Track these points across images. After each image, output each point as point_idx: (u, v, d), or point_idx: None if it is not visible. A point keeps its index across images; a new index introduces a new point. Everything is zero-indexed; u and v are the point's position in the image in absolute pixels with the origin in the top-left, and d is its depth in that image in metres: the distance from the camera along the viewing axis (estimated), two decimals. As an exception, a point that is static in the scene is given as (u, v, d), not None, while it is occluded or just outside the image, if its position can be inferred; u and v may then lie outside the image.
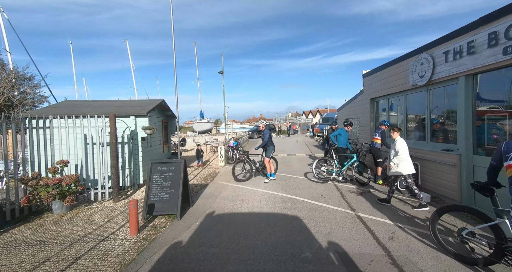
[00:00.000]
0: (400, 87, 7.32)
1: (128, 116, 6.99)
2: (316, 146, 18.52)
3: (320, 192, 6.55)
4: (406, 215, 4.78)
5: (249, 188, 7.15)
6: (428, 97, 6.25)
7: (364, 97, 10.17)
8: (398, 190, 6.24)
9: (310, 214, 4.94)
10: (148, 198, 4.88)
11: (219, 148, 11.79)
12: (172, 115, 10.46)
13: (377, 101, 9.44)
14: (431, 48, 5.82)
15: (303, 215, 4.87)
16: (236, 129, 37.54)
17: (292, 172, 9.20)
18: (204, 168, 10.94)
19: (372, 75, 9.27)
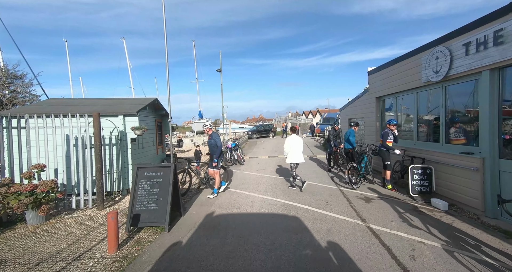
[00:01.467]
0: (410, 84, 6.78)
1: (116, 115, 6.43)
2: (317, 147, 17.98)
3: (324, 198, 6.00)
4: (424, 227, 4.22)
5: (247, 194, 6.60)
6: (444, 95, 5.71)
7: (369, 96, 9.63)
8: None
9: (315, 225, 4.39)
10: (133, 208, 4.32)
11: (216, 149, 11.25)
12: (167, 114, 9.90)
13: (383, 100, 8.90)
14: (448, 41, 5.28)
15: (308, 227, 4.32)
16: (235, 129, 36.96)
17: (293, 175, 8.66)
18: (202, 170, 10.38)
19: (378, 73, 8.73)
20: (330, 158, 9.39)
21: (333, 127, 9.47)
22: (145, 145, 7.99)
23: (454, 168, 5.23)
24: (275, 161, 11.94)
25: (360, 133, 11.28)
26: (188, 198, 6.40)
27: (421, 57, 6.14)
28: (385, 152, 6.56)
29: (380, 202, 5.60)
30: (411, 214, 4.84)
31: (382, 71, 8.43)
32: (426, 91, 6.40)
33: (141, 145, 7.70)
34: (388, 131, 6.54)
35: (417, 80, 6.43)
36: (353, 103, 11.74)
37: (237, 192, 6.83)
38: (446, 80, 5.49)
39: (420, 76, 6.26)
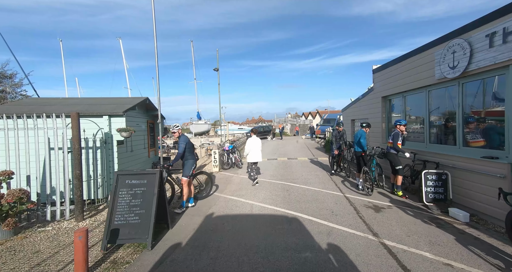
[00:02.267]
0: (421, 82, 6.25)
1: (100, 116, 5.87)
2: (318, 149, 17.44)
3: (329, 206, 5.43)
4: (446, 244, 3.66)
5: (244, 201, 6.03)
6: (461, 93, 5.17)
7: (374, 95, 9.09)
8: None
9: (320, 241, 3.83)
10: (111, 222, 3.75)
11: (212, 152, 10.68)
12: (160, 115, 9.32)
13: (389, 99, 8.36)
14: (467, 32, 4.74)
15: (312, 244, 3.75)
16: (234, 130, 36.43)
17: (294, 180, 8.08)
18: (197, 174, 9.80)
19: (384, 70, 8.20)
20: (333, 162, 8.83)
21: (336, 128, 8.86)
22: (135, 148, 7.42)
23: (474, 174, 4.68)
24: (275, 164, 11.38)
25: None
26: (178, 206, 5.83)
27: (435, 52, 5.61)
28: (395, 155, 6.00)
29: (391, 211, 5.04)
30: (429, 226, 4.28)
31: (389, 69, 7.90)
32: (440, 89, 5.86)
33: (130, 147, 7.13)
34: (398, 133, 5.98)
35: (429, 77, 5.89)
36: (356, 103, 11.21)
37: (233, 199, 6.26)
38: (464, 77, 4.95)
39: (432, 72, 5.72)
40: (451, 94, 5.48)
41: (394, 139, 5.93)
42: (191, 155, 5.77)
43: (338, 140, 8.70)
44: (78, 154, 4.73)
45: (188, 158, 5.71)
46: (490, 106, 4.78)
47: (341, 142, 8.84)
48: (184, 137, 5.71)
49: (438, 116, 6.18)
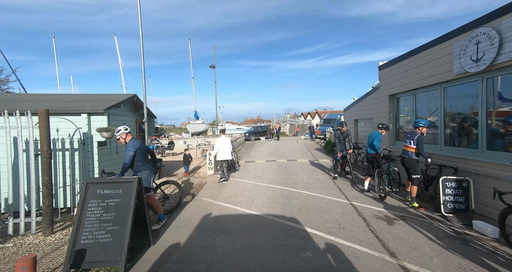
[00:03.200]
0: (435, 78, 5.65)
1: (78, 114, 5.22)
2: (318, 150, 16.83)
3: (335, 217, 4.82)
4: (482, 269, 3.05)
5: (240, 210, 5.41)
6: (484, 89, 4.57)
7: (380, 94, 8.50)
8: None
9: (328, 262, 3.21)
10: (76, 241, 3.11)
11: (207, 153, 10.05)
12: (150, 114, 8.69)
13: (397, 98, 7.77)
14: (495, 19, 4.14)
15: (319, 266, 3.14)
16: (233, 130, 35.72)
17: (295, 185, 7.46)
18: (190, 177, 9.17)
19: (392, 67, 7.60)
20: (337, 165, 8.22)
21: (339, 129, 8.17)
22: (121, 149, 6.77)
23: (502, 182, 4.08)
24: (274, 166, 10.76)
25: (366, 136, 10.14)
26: (167, 216, 5.19)
27: (453, 43, 5.01)
28: (416, 162, 5.24)
29: (406, 224, 4.43)
30: (454, 243, 3.67)
31: (397, 65, 7.31)
32: (458, 85, 5.27)
33: (115, 149, 6.48)
34: (421, 136, 5.19)
35: (446, 72, 5.29)
36: (360, 102, 10.62)
37: (228, 207, 5.64)
38: (490, 70, 4.35)
39: (450, 67, 5.13)
40: (472, 91, 4.89)
41: (419, 144, 5.12)
42: (145, 164, 4.49)
43: (342, 141, 8.07)
44: (47, 157, 4.09)
45: (142, 168, 4.40)
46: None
47: (345, 144, 8.23)
48: (134, 141, 4.44)
49: (454, 116, 5.58)
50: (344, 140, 8.10)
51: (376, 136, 6.28)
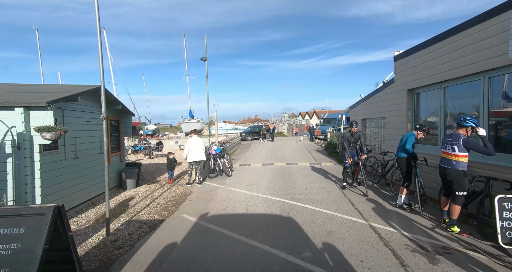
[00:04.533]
0: (476, 66, 4.45)
1: (10, 108, 3.92)
2: (319, 151, 15.63)
3: (353, 248, 3.58)
4: None
5: (228, 235, 4.15)
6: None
7: (395, 88, 7.29)
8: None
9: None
10: None
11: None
12: (126, 111, 7.39)
13: (417, 93, 6.57)
14: None
15: None
16: (229, 130, 34.43)
17: (296, 196, 6.22)
18: (173, 185, 7.89)
19: (413, 55, 6.39)
20: (346, 173, 6.92)
21: (349, 130, 6.87)
22: (82, 154, 5.48)
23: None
24: (271, 171, 9.52)
25: (378, 138, 8.95)
26: (128, 245, 3.91)
27: (510, 17, 3.79)
28: (463, 175, 3.95)
29: (455, 264, 3.20)
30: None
31: (420, 52, 6.10)
32: (509, 74, 4.06)
33: (72, 153, 5.19)
34: (466, 139, 3.92)
35: (494, 57, 4.08)
36: (368, 99, 9.41)
37: (213, 229, 4.38)
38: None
39: (503, 49, 3.92)
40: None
41: (472, 146, 3.85)
42: None
43: (352, 144, 6.83)
44: None
45: None
46: None
47: (352, 145, 6.80)
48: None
49: (504, 115, 4.38)
50: (356, 143, 6.82)
51: (409, 137, 5.06)
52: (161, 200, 6.22)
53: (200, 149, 7.71)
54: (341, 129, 19.88)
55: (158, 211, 5.45)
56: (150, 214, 5.24)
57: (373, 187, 7.04)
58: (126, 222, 4.76)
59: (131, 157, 15.38)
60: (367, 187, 6.41)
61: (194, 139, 7.80)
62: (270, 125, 26.17)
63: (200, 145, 7.74)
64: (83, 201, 5.55)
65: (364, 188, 6.33)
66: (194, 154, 7.62)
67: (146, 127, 39.10)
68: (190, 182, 7.76)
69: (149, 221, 4.85)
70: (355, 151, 6.76)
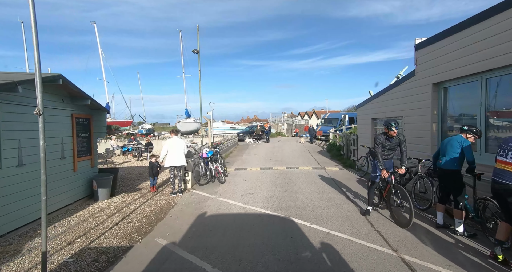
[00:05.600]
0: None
1: None
2: (321, 153, 14.57)
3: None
4: None
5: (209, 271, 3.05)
6: None
7: (417, 83, 6.21)
8: None
9: None
10: None
11: (183, 161, 7.64)
12: (98, 107, 6.27)
13: (446, 87, 5.50)
14: None
15: None
16: (226, 130, 33.30)
17: (300, 211, 5.12)
18: (156, 195, 6.77)
19: (442, 41, 5.31)
20: (373, 190, 5.00)
21: (386, 132, 4.69)
22: (30, 160, 4.34)
23: None
24: (270, 177, 8.42)
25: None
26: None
27: None
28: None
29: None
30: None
31: (451, 38, 5.01)
32: None
33: (13, 160, 4.06)
34: None
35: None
36: (380, 97, 8.32)
37: (192, 263, 3.26)
38: None
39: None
40: None
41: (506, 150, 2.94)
42: None
43: (388, 152, 4.83)
44: None
45: None
46: None
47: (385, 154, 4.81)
48: None
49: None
50: (393, 151, 4.88)
51: (464, 143, 3.80)
52: (135, 216, 5.10)
53: (179, 152, 6.62)
54: (343, 130, 18.85)
55: (128, 232, 4.33)
56: (116, 237, 4.12)
57: (406, 207, 5.96)
58: (80, 252, 3.63)
59: (119, 159, 14.24)
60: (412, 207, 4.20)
61: (173, 140, 6.73)
62: (265, 124, 24.77)
63: (180, 148, 6.65)
64: (34, 219, 4.42)
65: (408, 215, 4.23)
66: (172, 158, 6.56)
67: (141, 126, 37.91)
68: (175, 190, 6.66)
69: (111, 249, 3.73)
70: (391, 162, 4.99)
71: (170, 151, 6.64)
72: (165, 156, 6.75)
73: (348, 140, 11.76)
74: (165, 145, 6.76)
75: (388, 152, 4.84)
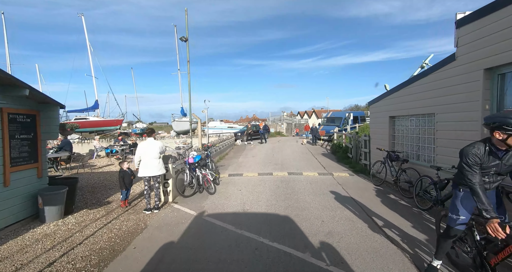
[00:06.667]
0: None
1: None
2: (325, 155, 13.22)
3: None
4: None
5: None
6: None
7: (459, 69, 4.84)
8: None
9: None
10: None
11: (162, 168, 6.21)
12: (48, 101, 4.87)
13: (502, 73, 4.14)
14: None
15: None
16: (224, 129, 31.89)
17: (310, 240, 3.75)
18: (125, 212, 5.38)
19: (496, 14, 3.94)
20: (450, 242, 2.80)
21: (492, 141, 2.40)
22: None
23: None
24: (269, 185, 7.05)
25: (413, 141, 6.52)
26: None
27: None
28: None
29: None
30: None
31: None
32: None
33: None
34: None
35: None
36: (400, 91, 6.95)
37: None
38: None
39: None
40: None
41: None
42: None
43: (492, 177, 2.55)
44: None
45: None
46: None
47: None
48: None
49: None
50: (503, 176, 2.59)
51: None
52: (84, 248, 3.70)
53: (153, 158, 5.27)
54: (347, 129, 17.52)
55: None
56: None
57: (423, 217, 4.60)
58: None
59: (101, 162, 12.81)
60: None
61: (148, 142, 5.39)
62: (260, 124, 22.96)
63: (154, 152, 5.29)
64: None
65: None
66: (145, 166, 5.25)
67: (135, 126, 36.44)
68: (150, 207, 5.27)
69: None
70: (493, 195, 2.72)
71: (144, 157, 5.28)
72: (139, 162, 5.38)
73: (357, 141, 10.40)
74: (138, 149, 5.39)
75: (492, 178, 2.55)
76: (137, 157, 5.35)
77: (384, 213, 4.92)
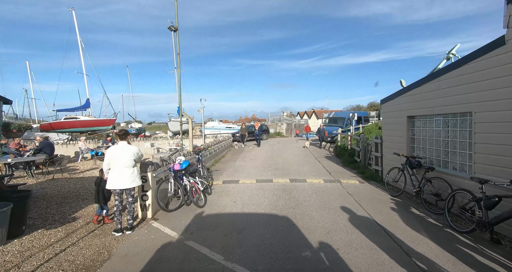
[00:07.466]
0: None
1: None
2: (329, 158, 12.24)
3: None
4: None
5: None
6: None
7: (509, 56, 3.83)
8: None
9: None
10: None
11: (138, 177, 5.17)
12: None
13: None
14: None
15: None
16: (222, 130, 30.83)
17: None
18: (90, 233, 4.34)
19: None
20: None
21: None
22: None
23: None
24: (269, 196, 6.03)
25: (440, 146, 5.51)
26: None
27: None
28: None
29: None
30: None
31: None
32: None
33: None
34: None
35: None
36: (423, 86, 5.94)
37: None
38: None
39: None
40: None
41: None
42: None
43: None
44: None
45: None
46: None
47: None
48: None
49: None
50: None
51: None
52: None
53: (125, 167, 4.23)
54: (351, 130, 16.52)
55: None
56: None
57: (461, 242, 3.59)
58: None
59: (86, 165, 11.76)
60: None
61: (119, 147, 4.33)
62: (256, 124, 21.57)
63: (126, 160, 4.24)
64: None
65: None
66: (114, 177, 4.19)
67: (130, 125, 35.37)
68: (121, 227, 4.24)
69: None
70: None
71: (114, 166, 4.25)
72: (108, 170, 4.36)
73: (366, 144, 9.40)
74: (106, 155, 4.35)
75: None
76: (106, 165, 4.33)
77: (413, 236, 3.91)
